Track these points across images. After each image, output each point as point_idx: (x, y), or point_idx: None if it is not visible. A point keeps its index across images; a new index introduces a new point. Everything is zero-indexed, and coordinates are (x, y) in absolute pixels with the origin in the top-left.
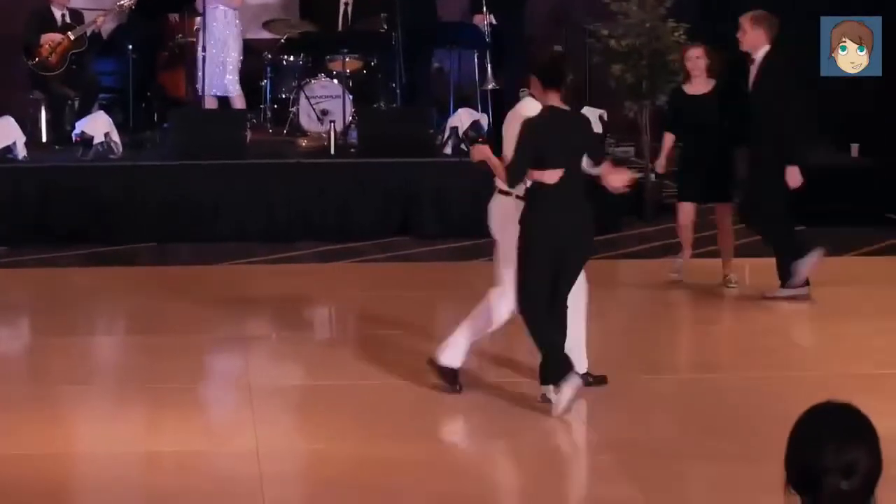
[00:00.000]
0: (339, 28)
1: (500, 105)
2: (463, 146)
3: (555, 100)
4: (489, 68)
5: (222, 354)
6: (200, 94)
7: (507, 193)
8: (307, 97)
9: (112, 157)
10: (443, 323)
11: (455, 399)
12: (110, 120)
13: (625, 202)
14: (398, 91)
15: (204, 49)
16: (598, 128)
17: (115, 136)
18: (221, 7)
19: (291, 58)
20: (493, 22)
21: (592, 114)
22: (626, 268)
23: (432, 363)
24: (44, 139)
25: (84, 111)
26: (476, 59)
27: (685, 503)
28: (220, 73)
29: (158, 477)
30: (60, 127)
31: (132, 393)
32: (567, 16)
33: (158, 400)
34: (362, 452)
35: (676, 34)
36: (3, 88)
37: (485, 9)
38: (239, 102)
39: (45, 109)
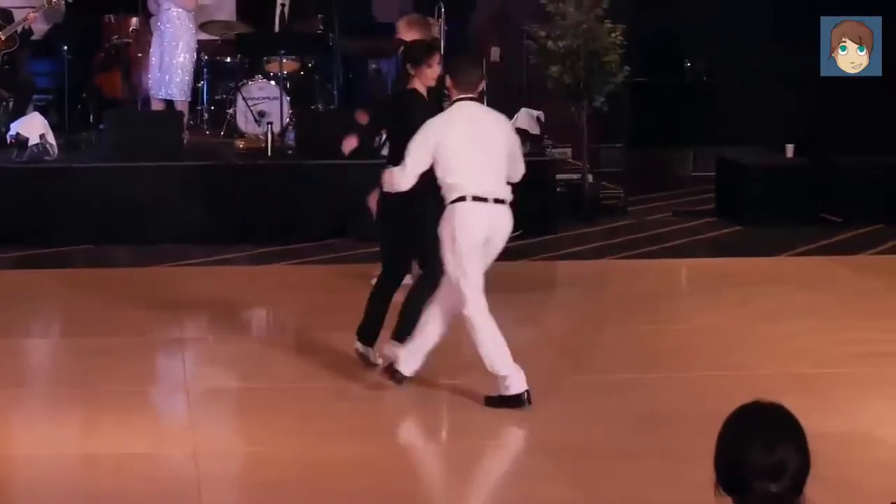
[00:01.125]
0: (276, 29)
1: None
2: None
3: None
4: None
5: (159, 357)
6: (147, 96)
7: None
8: (244, 98)
9: (47, 158)
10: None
11: (395, 399)
12: (45, 121)
13: (563, 203)
14: (335, 92)
15: (155, 51)
16: (535, 129)
17: (51, 138)
18: (174, 9)
19: (228, 59)
20: (445, 27)
21: (529, 115)
22: (564, 268)
23: None
24: None
25: (18, 112)
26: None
27: (626, 501)
28: (169, 76)
29: (95, 480)
30: None
31: (68, 396)
32: (505, 17)
33: (95, 403)
34: (301, 454)
35: (613, 35)
36: None
37: (438, 13)
38: (181, 108)
39: None
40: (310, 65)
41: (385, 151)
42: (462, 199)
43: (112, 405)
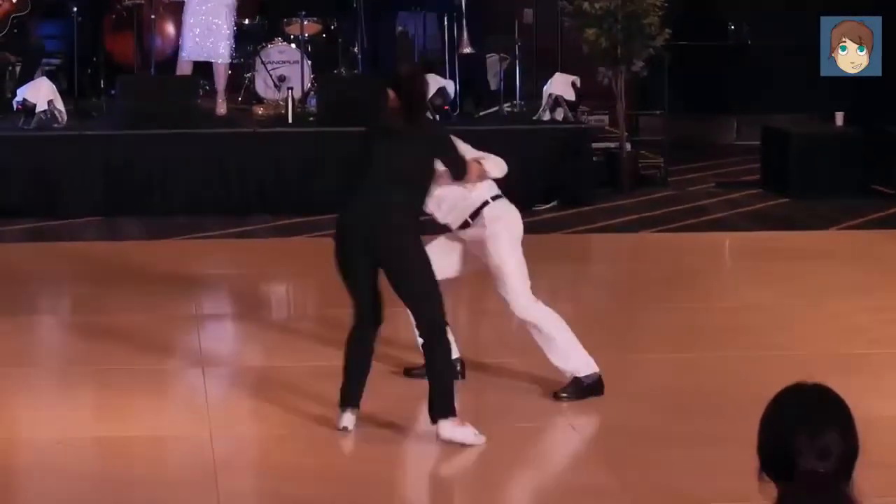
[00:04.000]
0: None
1: (470, 71)
2: (428, 114)
3: None
4: (465, 33)
5: (174, 334)
6: (161, 60)
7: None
8: (263, 63)
9: (56, 125)
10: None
11: (423, 381)
12: (54, 87)
13: (600, 173)
14: (360, 56)
15: (190, 12)
16: (570, 95)
17: (59, 104)
18: None
19: (247, 21)
20: None
21: (565, 80)
22: (599, 242)
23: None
24: None
25: (26, 77)
26: (445, 23)
27: (662, 488)
28: (212, 38)
29: (107, 463)
30: (0, 94)
31: (78, 375)
32: None
33: (107, 382)
34: (319, 437)
35: None
36: None
37: None
38: (222, 70)
39: None
40: (332, 27)
41: None
42: (499, 196)
43: (124, 385)
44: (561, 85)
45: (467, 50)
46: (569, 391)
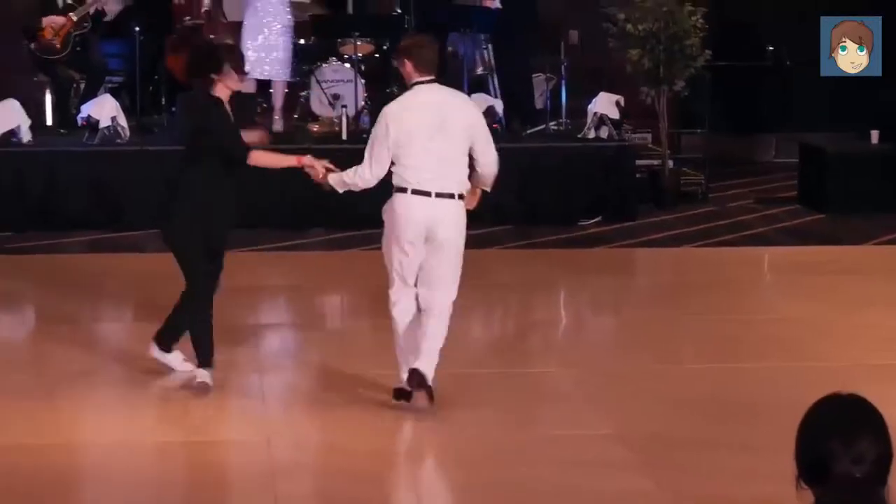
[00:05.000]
0: (351, 11)
1: (517, 90)
2: None
3: None
4: (484, 53)
5: (232, 343)
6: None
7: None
8: (318, 81)
9: (118, 141)
10: (454, 310)
11: (467, 389)
12: (117, 104)
13: (643, 189)
14: None
15: (248, 31)
16: (614, 114)
17: (122, 120)
18: None
19: (302, 41)
20: (498, 6)
21: (609, 99)
22: (643, 256)
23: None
24: (48, 123)
25: (90, 94)
26: (483, 42)
27: (700, 494)
28: (271, 56)
29: (168, 467)
30: (66, 110)
31: (140, 382)
32: (583, 0)
33: (167, 389)
34: (375, 443)
35: (694, 18)
36: (7, 71)
37: None
38: (280, 87)
39: (50, 93)
40: (385, 47)
41: None
42: (403, 190)
43: (185, 392)
44: (605, 104)
45: (479, 70)
46: None
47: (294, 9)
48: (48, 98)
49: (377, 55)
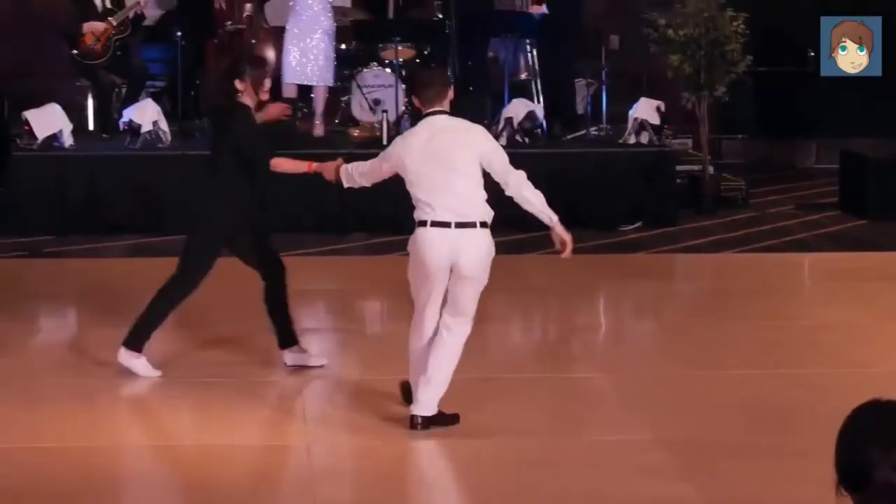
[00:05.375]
0: (392, 16)
1: (558, 95)
2: (518, 137)
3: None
4: (529, 58)
5: (272, 347)
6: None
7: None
8: (359, 86)
9: (160, 145)
10: (492, 315)
11: (508, 393)
12: (158, 108)
13: (683, 195)
14: (452, 80)
15: (290, 36)
16: (655, 119)
17: (164, 125)
18: None
19: (343, 46)
20: (545, 12)
21: (649, 105)
22: (683, 261)
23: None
24: (90, 127)
25: (131, 99)
26: (528, 47)
27: (738, 500)
28: (312, 61)
29: (206, 471)
30: (107, 115)
31: (180, 385)
32: (624, 5)
33: (207, 393)
34: (414, 448)
35: (735, 24)
36: (48, 76)
37: None
38: (321, 93)
39: (92, 97)
40: (426, 52)
41: None
42: (423, 223)
43: (224, 395)
44: (646, 109)
45: (523, 76)
46: None
47: (336, 14)
48: (90, 103)
49: (418, 60)
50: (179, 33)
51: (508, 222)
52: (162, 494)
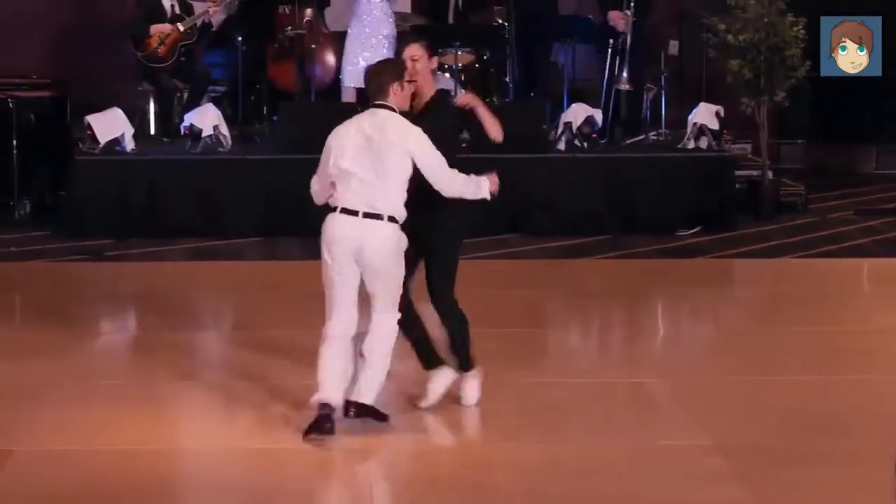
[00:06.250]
0: (452, 21)
1: (618, 100)
2: (577, 142)
3: None
4: (626, 71)
5: None
6: (322, 87)
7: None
8: None
9: (220, 150)
10: (551, 321)
11: (567, 395)
12: (219, 113)
13: (742, 200)
14: (511, 85)
15: (352, 40)
16: (714, 124)
17: (224, 129)
18: None
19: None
20: (633, 18)
21: (709, 110)
22: (742, 266)
23: None
24: (152, 131)
25: (193, 103)
26: (596, 55)
27: None
28: (367, 65)
29: (261, 474)
30: (169, 119)
31: (237, 389)
32: (684, 10)
33: (267, 396)
34: (469, 451)
35: (795, 29)
36: (111, 79)
37: (627, 6)
38: None
39: (154, 101)
40: (485, 57)
41: None
42: (333, 209)
43: (282, 399)
44: (705, 114)
45: (625, 87)
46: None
47: (396, 19)
48: (152, 107)
49: (477, 65)
50: (240, 38)
51: (563, 228)
52: (217, 498)
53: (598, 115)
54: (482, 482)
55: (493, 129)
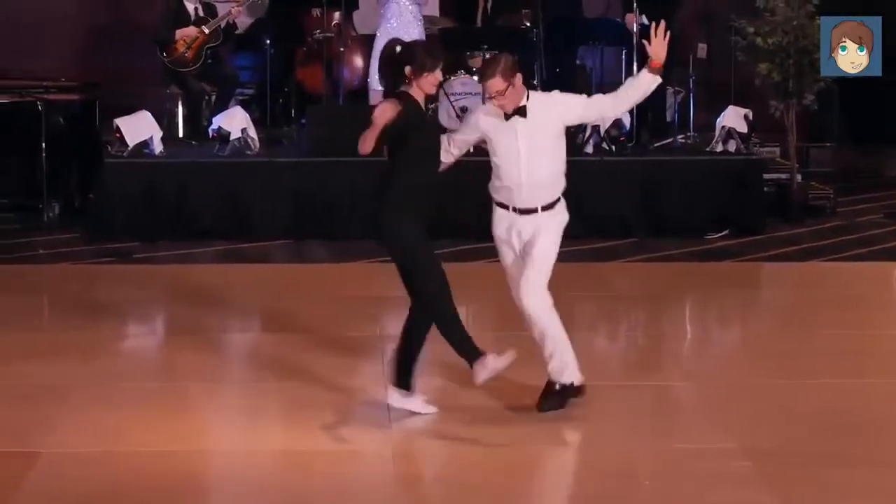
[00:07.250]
0: (480, 24)
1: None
2: (604, 145)
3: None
4: (619, 64)
5: (357, 354)
6: (351, 90)
7: None
8: (446, 94)
9: (249, 152)
10: (578, 323)
11: (597, 399)
12: (247, 115)
13: (771, 203)
14: (539, 88)
15: (380, 42)
16: (743, 127)
17: (252, 132)
18: (403, 0)
19: None
20: (645, 22)
21: (737, 113)
22: (770, 270)
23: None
24: (180, 134)
25: (221, 106)
26: (624, 57)
27: None
28: None
29: (292, 476)
30: (197, 122)
31: (266, 391)
32: (712, 13)
33: (293, 398)
34: (501, 455)
35: None
36: (139, 83)
37: (635, 7)
38: None
39: (182, 104)
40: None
41: None
42: None
43: (309, 401)
44: (733, 117)
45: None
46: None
47: (425, 22)
48: (180, 110)
49: None
50: (269, 41)
51: (591, 231)
52: (247, 499)
53: (626, 118)
54: (511, 485)
55: None
